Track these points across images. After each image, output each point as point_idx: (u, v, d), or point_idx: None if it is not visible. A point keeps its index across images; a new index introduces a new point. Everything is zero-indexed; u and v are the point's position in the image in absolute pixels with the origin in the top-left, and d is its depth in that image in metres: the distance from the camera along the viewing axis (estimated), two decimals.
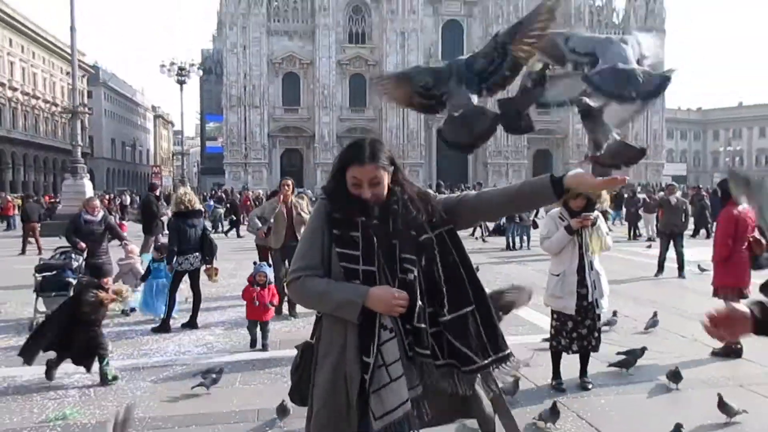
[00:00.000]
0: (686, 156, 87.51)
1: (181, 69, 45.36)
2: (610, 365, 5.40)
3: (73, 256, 7.98)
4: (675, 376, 5.02)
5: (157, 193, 14.53)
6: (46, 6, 59.13)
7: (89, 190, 25.42)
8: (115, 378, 5.44)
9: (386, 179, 2.22)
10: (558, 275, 4.98)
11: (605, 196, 5.04)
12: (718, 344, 6.19)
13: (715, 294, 6.46)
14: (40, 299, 7.68)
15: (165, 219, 11.38)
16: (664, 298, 9.39)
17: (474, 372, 2.17)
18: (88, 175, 26.96)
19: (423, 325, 2.11)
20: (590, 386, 5.08)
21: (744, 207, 6.30)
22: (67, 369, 5.79)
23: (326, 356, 2.19)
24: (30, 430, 4.45)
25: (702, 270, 11.14)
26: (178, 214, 7.81)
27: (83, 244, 8.20)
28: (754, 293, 5.94)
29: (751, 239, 6.16)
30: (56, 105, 64.65)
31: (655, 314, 7.29)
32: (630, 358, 5.40)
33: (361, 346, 2.11)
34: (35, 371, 5.58)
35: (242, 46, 58.02)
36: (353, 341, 2.13)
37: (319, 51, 58.74)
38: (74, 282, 7.60)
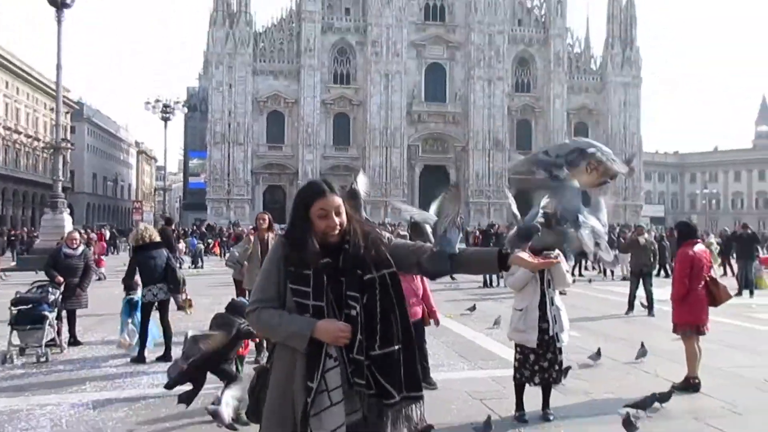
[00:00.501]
0: (664, 198, 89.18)
1: (165, 106, 45.73)
2: (626, 406, 5.25)
3: (50, 289, 8.07)
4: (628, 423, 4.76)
5: (173, 227, 14.62)
6: (31, 41, 59.53)
7: (68, 225, 25.33)
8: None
9: (344, 208, 2.47)
10: (521, 310, 5.21)
11: None
12: (679, 379, 6.42)
13: (675, 330, 6.71)
14: (15, 332, 7.72)
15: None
16: (632, 334, 9.62)
17: (391, 406, 2.37)
18: (68, 209, 26.89)
19: (361, 357, 2.34)
20: (552, 417, 5.26)
21: (700, 247, 6.61)
22: (40, 401, 5.85)
23: (277, 380, 2.42)
24: None
25: (643, 306, 11.93)
26: (138, 248, 8.03)
27: (60, 278, 8.31)
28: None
29: (708, 278, 6.45)
30: (38, 140, 64.48)
31: (642, 345, 7.71)
32: (647, 399, 5.35)
33: (307, 372, 2.33)
34: (6, 402, 5.63)
35: (228, 85, 58.75)
36: (301, 368, 2.35)
37: (303, 90, 59.57)
38: (49, 315, 7.67)
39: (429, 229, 2.86)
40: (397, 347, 2.41)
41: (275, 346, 2.49)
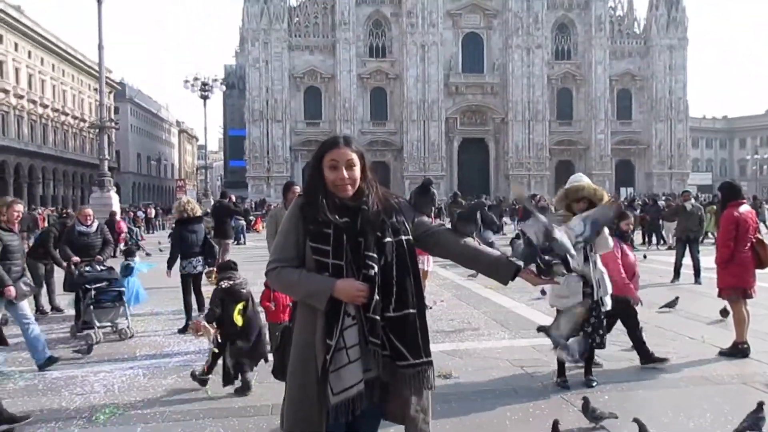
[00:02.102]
0: (712, 165, 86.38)
1: (204, 84, 46.06)
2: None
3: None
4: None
5: (232, 198, 14.83)
6: (75, 24, 60.61)
7: (116, 203, 26.04)
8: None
9: (359, 166, 2.49)
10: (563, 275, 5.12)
11: (605, 197, 5.17)
12: (727, 345, 6.27)
13: (720, 295, 6.54)
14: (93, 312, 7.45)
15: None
16: (678, 303, 9.40)
17: (405, 368, 2.43)
18: (114, 188, 27.58)
19: (377, 317, 2.39)
20: (594, 384, 5.21)
21: (746, 208, 6.38)
22: (94, 369, 6.10)
23: (299, 337, 2.47)
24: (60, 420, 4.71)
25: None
26: (180, 221, 8.24)
27: (76, 258, 8.03)
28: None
29: (754, 240, 6.24)
30: (84, 121, 66.29)
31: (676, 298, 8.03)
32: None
33: (326, 330, 2.38)
34: (62, 371, 5.90)
35: (264, 61, 58.92)
36: (320, 326, 2.40)
37: (339, 65, 59.36)
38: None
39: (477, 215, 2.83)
40: (412, 310, 2.47)
41: (296, 305, 2.55)
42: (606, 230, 5.22)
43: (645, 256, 14.29)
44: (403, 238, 2.49)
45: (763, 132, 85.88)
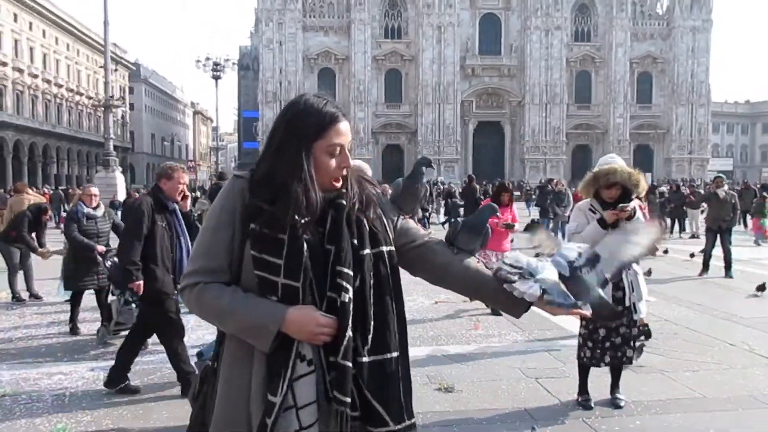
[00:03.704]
0: (733, 150, 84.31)
1: (216, 64, 45.45)
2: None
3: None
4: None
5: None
6: (89, 3, 60.19)
7: (120, 183, 25.54)
8: None
9: None
10: None
11: (643, 183, 4.33)
12: None
13: None
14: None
15: None
16: (709, 299, 8.55)
17: None
18: (120, 168, 27.03)
19: (348, 364, 1.57)
20: (623, 404, 4.39)
21: None
22: (50, 369, 5.41)
23: (226, 387, 1.65)
24: None
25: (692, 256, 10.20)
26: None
27: (101, 247, 6.66)
28: None
29: None
30: (99, 101, 66.07)
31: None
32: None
33: (268, 380, 1.56)
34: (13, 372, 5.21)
35: (278, 42, 58.05)
36: (260, 372, 1.58)
37: (354, 46, 58.34)
38: None
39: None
40: (395, 354, 1.65)
41: (224, 337, 1.70)
42: (641, 217, 4.37)
43: (692, 255, 12.55)
44: (385, 249, 1.68)
45: None
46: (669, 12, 61.76)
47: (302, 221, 1.57)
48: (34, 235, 8.63)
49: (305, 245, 1.58)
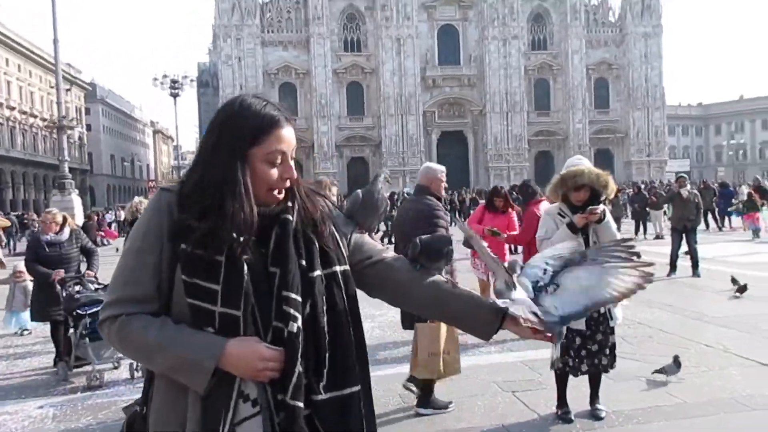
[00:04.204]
0: (689, 152, 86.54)
1: (173, 82, 44.77)
2: (654, 372, 4.89)
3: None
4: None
5: None
6: (41, 24, 58.76)
7: (78, 206, 24.74)
8: None
9: None
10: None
11: (612, 185, 4.21)
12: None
13: None
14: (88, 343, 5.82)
15: None
16: (679, 300, 8.54)
17: None
18: (76, 190, 26.21)
19: (299, 404, 1.35)
20: (603, 415, 4.24)
21: None
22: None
23: None
24: None
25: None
26: (134, 222, 6.97)
27: (60, 272, 6.23)
28: None
29: None
30: (54, 123, 64.40)
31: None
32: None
33: (205, 423, 1.32)
34: None
35: (237, 58, 57.60)
36: (195, 415, 1.34)
37: (314, 60, 58.18)
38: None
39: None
40: (354, 389, 1.43)
41: (153, 377, 1.46)
42: (612, 223, 4.24)
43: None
44: (338, 269, 1.47)
45: (737, 118, 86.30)
46: (621, 19, 63.26)
47: (241, 239, 1.34)
48: None
49: (245, 267, 1.34)
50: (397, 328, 7.29)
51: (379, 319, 7.60)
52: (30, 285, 7.32)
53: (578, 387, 4.40)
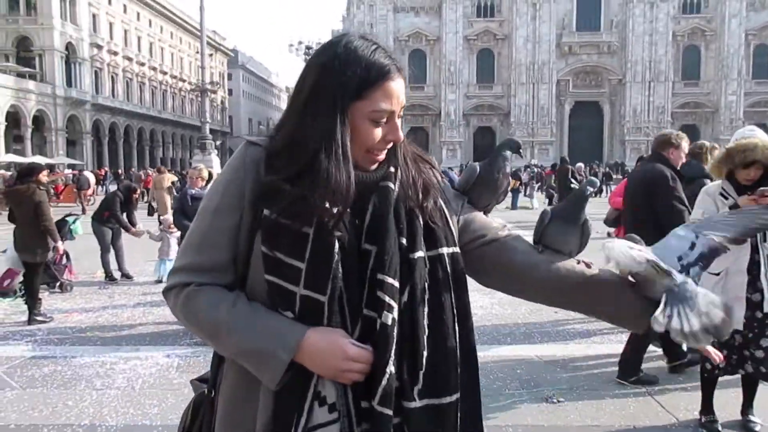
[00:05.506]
0: None
1: (308, 48, 46.17)
2: None
3: None
4: None
5: None
6: None
7: (216, 166, 26.30)
8: None
9: None
10: (718, 274, 3.50)
11: None
12: None
13: None
14: None
15: None
16: None
17: None
18: (216, 150, 27.88)
19: (388, 411, 1.10)
20: (758, 428, 3.66)
21: None
22: (130, 354, 5.32)
23: (225, 426, 1.21)
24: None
25: None
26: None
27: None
28: None
29: None
30: (198, 87, 69.28)
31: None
32: None
33: (274, 425, 1.12)
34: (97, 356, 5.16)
35: (369, 24, 58.03)
36: (265, 414, 1.13)
37: (445, 26, 57.45)
38: None
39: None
40: (453, 397, 1.16)
41: (221, 361, 1.26)
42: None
43: None
44: (446, 251, 1.21)
45: None
46: None
47: (335, 210, 1.11)
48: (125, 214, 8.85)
49: (336, 245, 1.12)
50: (519, 305, 6.92)
51: (498, 295, 7.24)
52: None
53: (721, 393, 3.85)
